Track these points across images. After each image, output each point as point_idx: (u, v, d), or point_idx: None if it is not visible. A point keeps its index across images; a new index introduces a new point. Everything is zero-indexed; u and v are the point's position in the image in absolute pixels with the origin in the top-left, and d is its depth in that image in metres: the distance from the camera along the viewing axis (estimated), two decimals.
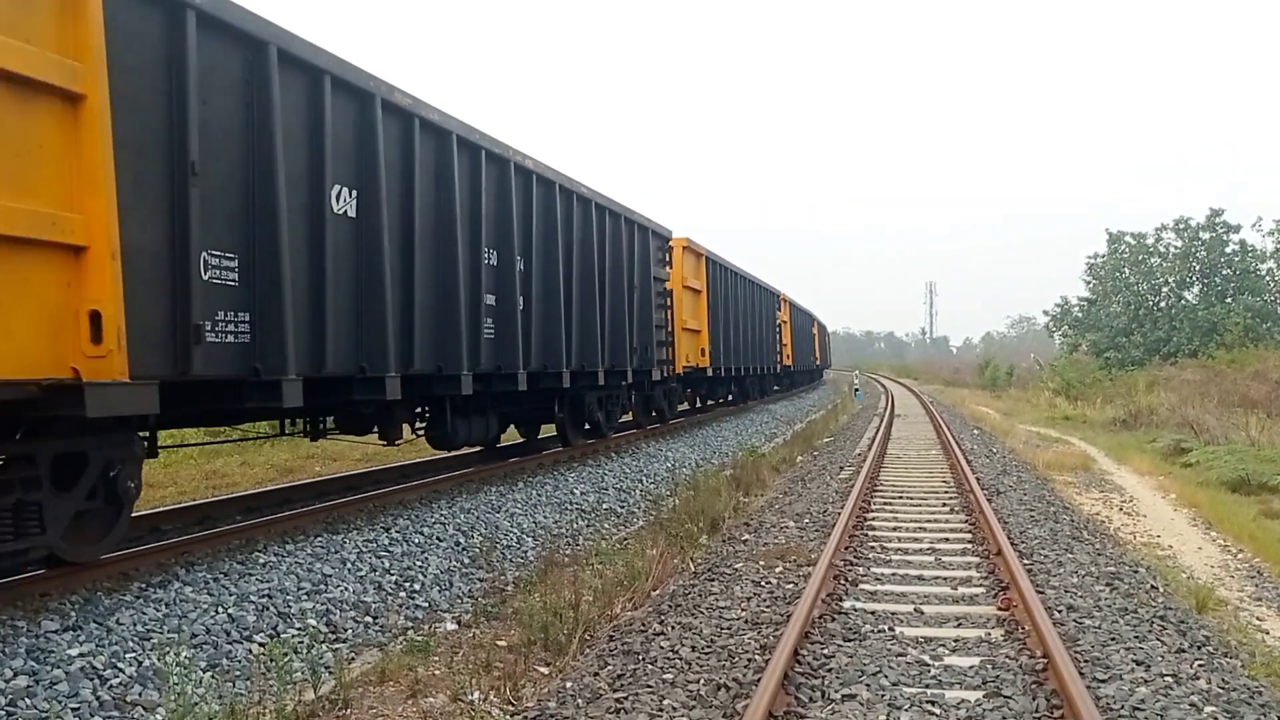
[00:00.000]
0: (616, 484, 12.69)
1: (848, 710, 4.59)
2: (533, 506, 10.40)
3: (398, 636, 6.46)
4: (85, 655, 5.08)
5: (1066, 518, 10.00)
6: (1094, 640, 5.69)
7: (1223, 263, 38.75)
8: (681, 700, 4.72)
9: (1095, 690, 4.77)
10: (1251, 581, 8.03)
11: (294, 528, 8.08)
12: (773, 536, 8.98)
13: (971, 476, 12.03)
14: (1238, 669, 5.32)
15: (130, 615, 5.62)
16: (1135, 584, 7.12)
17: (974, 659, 5.32)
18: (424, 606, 7.12)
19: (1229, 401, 22.90)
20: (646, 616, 6.34)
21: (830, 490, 11.76)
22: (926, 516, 9.94)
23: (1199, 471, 14.75)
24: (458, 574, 7.92)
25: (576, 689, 4.94)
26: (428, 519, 8.94)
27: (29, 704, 4.61)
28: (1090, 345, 41.78)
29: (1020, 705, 4.64)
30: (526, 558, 8.81)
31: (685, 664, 5.28)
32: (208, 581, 6.34)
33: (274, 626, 6.07)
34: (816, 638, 5.66)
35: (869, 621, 6.06)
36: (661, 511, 10.59)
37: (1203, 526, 10.57)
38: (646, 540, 8.85)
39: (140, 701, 4.91)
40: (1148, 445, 18.58)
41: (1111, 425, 23.88)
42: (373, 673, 5.50)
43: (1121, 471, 15.46)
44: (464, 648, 5.92)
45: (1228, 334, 33.76)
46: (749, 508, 11.13)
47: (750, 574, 7.46)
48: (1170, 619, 6.16)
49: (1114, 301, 40.86)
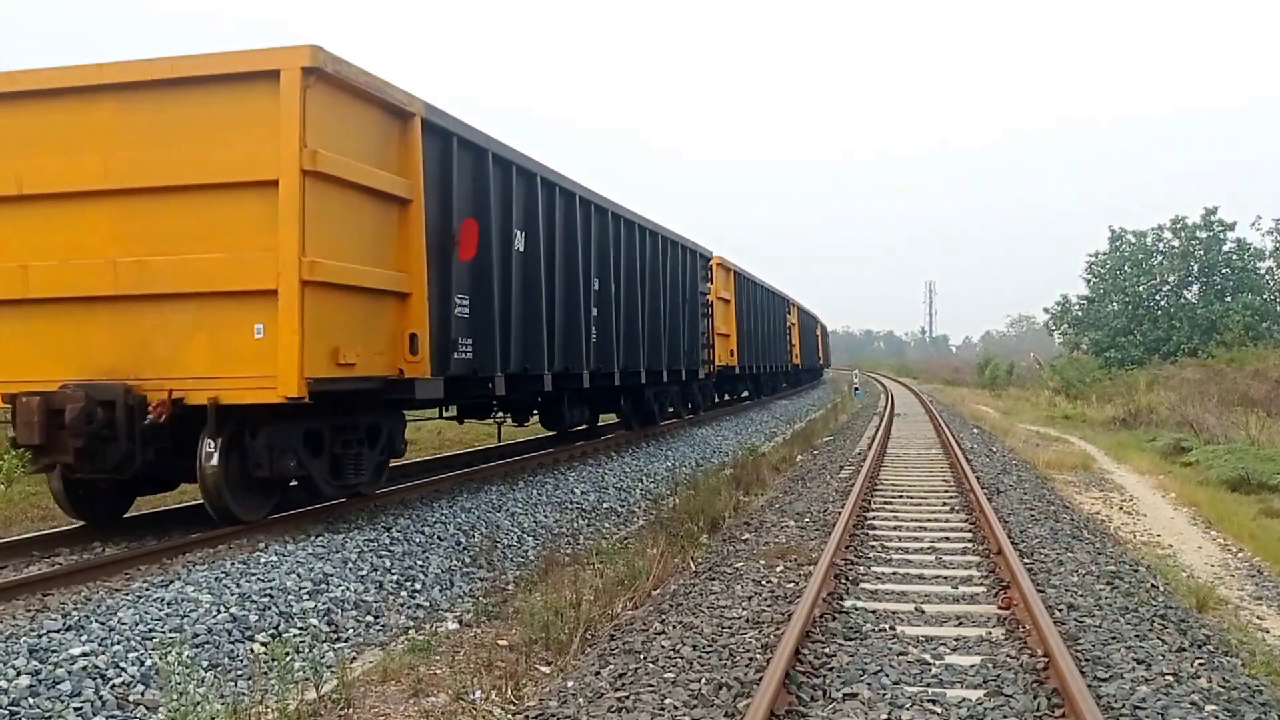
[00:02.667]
0: (617, 483, 12.70)
1: (849, 709, 4.60)
2: (533, 506, 10.41)
3: (399, 636, 6.47)
4: (88, 654, 5.09)
5: (1066, 517, 10.01)
6: (1095, 639, 5.69)
7: (1221, 261, 38.73)
8: (683, 699, 4.73)
9: (1096, 689, 4.77)
10: (1251, 580, 8.04)
11: (295, 527, 8.09)
12: (773, 536, 8.98)
13: (971, 475, 12.04)
14: (1238, 668, 5.33)
15: (132, 614, 5.63)
16: (1135, 583, 7.13)
17: (975, 658, 5.33)
18: (425, 606, 7.13)
19: (1229, 400, 22.90)
20: (648, 615, 6.35)
21: (830, 489, 11.76)
22: (927, 515, 9.95)
23: (1199, 470, 14.75)
24: (459, 573, 7.93)
25: (578, 688, 4.95)
26: (429, 518, 8.94)
27: (32, 703, 4.62)
28: (1090, 344, 41.75)
29: (1021, 704, 4.65)
30: (527, 557, 8.82)
31: (687, 663, 5.29)
32: (209, 581, 6.34)
33: (276, 626, 6.08)
34: (818, 637, 5.67)
35: (870, 620, 6.07)
36: (662, 511, 10.61)
37: (1202, 525, 10.58)
38: (647, 539, 8.85)
39: (143, 701, 4.92)
40: (1147, 444, 18.57)
41: (1111, 424, 23.88)
42: (374, 672, 5.51)
43: (1121, 470, 15.48)
44: (465, 647, 5.93)
45: (1227, 333, 33.74)
46: (749, 507, 11.14)
47: (751, 573, 7.46)
48: (1171, 618, 6.17)
49: (1114, 300, 40.84)
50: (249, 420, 7.34)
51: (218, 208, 7.12)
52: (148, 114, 7.23)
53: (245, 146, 7.04)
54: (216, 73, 7.12)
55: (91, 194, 7.28)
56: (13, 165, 7.35)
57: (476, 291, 9.27)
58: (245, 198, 7.08)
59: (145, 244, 7.23)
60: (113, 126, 7.25)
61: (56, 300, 7.38)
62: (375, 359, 7.77)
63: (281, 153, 6.89)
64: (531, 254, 10.55)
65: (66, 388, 7.05)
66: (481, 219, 9.30)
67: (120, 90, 7.24)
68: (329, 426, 8.07)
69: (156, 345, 7.22)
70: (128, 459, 7.11)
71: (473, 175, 9.27)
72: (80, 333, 7.36)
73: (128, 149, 7.21)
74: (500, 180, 9.83)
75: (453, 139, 8.77)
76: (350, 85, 7.41)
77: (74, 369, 7.27)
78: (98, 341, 7.31)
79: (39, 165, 7.34)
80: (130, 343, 7.25)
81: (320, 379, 7.03)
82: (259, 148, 6.99)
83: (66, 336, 7.38)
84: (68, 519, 8.30)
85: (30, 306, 7.42)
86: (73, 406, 6.88)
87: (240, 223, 7.07)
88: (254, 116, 7.03)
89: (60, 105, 7.35)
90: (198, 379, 7.11)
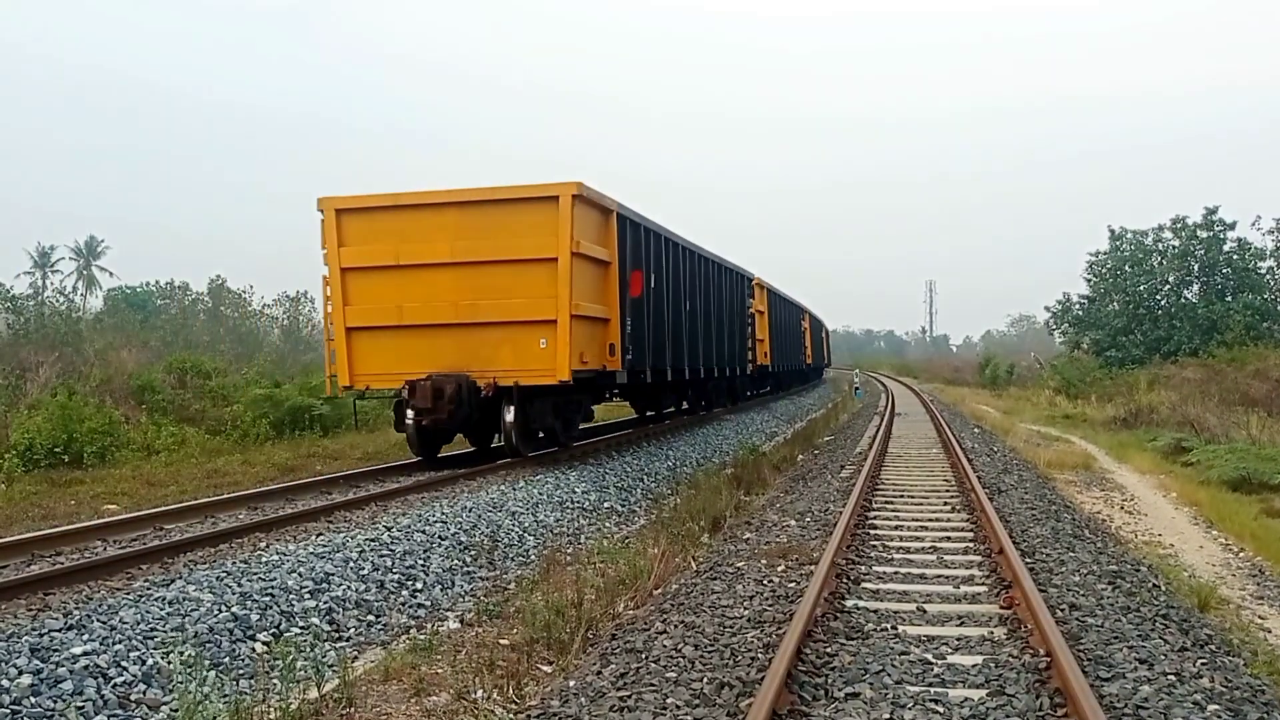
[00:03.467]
0: (618, 482, 12.70)
1: (852, 709, 4.59)
2: (534, 505, 10.41)
3: (401, 635, 6.47)
4: (89, 654, 5.09)
5: (1068, 516, 10.00)
6: (1097, 639, 5.68)
7: (1221, 261, 38.68)
8: (685, 699, 4.72)
9: (1099, 689, 4.77)
10: (1253, 580, 8.03)
11: (297, 526, 8.09)
12: (775, 535, 8.97)
13: (973, 475, 12.02)
14: (1240, 668, 5.32)
15: (134, 613, 5.62)
16: (1137, 582, 7.12)
17: (977, 657, 5.32)
18: (426, 605, 7.12)
19: (1229, 400, 22.87)
20: (649, 615, 6.34)
21: (831, 489, 11.75)
22: (928, 515, 9.94)
23: (1200, 470, 14.73)
24: (460, 573, 7.93)
25: (580, 687, 4.94)
26: (430, 517, 8.94)
27: (34, 702, 4.62)
28: (1091, 343, 41.69)
29: (1024, 704, 4.64)
30: (528, 556, 8.82)
31: (689, 662, 5.28)
32: (211, 580, 6.34)
33: (277, 625, 6.07)
34: (819, 636, 5.66)
35: (872, 620, 6.06)
36: (663, 510, 10.60)
37: (1204, 525, 10.57)
38: (648, 539, 8.85)
39: (145, 700, 4.91)
40: (1148, 444, 18.56)
41: (1112, 424, 23.88)
42: (376, 671, 5.51)
43: (1122, 470, 15.47)
44: (467, 646, 5.92)
45: (1228, 332, 33.70)
46: (750, 506, 11.13)
47: (752, 572, 7.45)
48: (1173, 617, 6.16)
49: (1114, 300, 40.78)
50: (528, 396, 12.08)
51: (520, 273, 11.88)
52: (476, 218, 12.05)
53: (537, 239, 11.81)
54: (519, 197, 11.98)
55: (441, 265, 12.07)
56: (394, 247, 12.13)
57: (636, 316, 13.72)
58: (537, 268, 11.80)
59: (474, 294, 12.00)
60: (454, 225, 12.05)
61: (419, 326, 12.11)
62: (594, 359, 12.61)
63: (560, 243, 11.69)
64: (659, 289, 15.19)
65: (431, 378, 11.62)
66: (641, 268, 13.98)
67: (460, 205, 12.13)
68: (564, 401, 13.03)
69: (481, 352, 11.91)
70: (468, 417, 11.86)
71: (633, 241, 13.79)
72: (434, 345, 12.01)
73: (464, 239, 11.99)
74: (644, 241, 14.41)
75: (627, 221, 13.52)
76: (590, 200, 12.20)
77: (430, 367, 11.86)
78: (445, 350, 11.96)
79: (409, 248, 12.11)
80: (465, 350, 11.92)
81: (575, 370, 11.77)
82: (546, 240, 11.75)
83: (426, 347, 12.02)
84: (68, 519, 8.79)
85: (404, 329, 12.20)
86: (449, 386, 11.56)
87: (533, 283, 11.81)
88: (542, 223, 11.78)
89: (423, 213, 12.18)
90: (505, 371, 11.82)
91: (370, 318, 12.22)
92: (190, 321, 37.76)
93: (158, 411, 18.61)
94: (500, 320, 11.84)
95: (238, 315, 41.44)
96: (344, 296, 12.23)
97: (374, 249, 12.15)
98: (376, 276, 12.19)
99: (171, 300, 43.78)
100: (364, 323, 12.24)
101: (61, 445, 14.40)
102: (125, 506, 10.79)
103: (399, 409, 12.33)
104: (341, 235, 12.16)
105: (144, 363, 23.27)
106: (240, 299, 42.75)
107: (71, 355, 21.57)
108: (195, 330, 36.00)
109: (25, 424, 14.85)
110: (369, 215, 12.22)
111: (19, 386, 18.44)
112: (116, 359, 22.61)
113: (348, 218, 12.22)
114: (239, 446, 17.08)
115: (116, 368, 21.36)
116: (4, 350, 21.48)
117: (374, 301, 12.18)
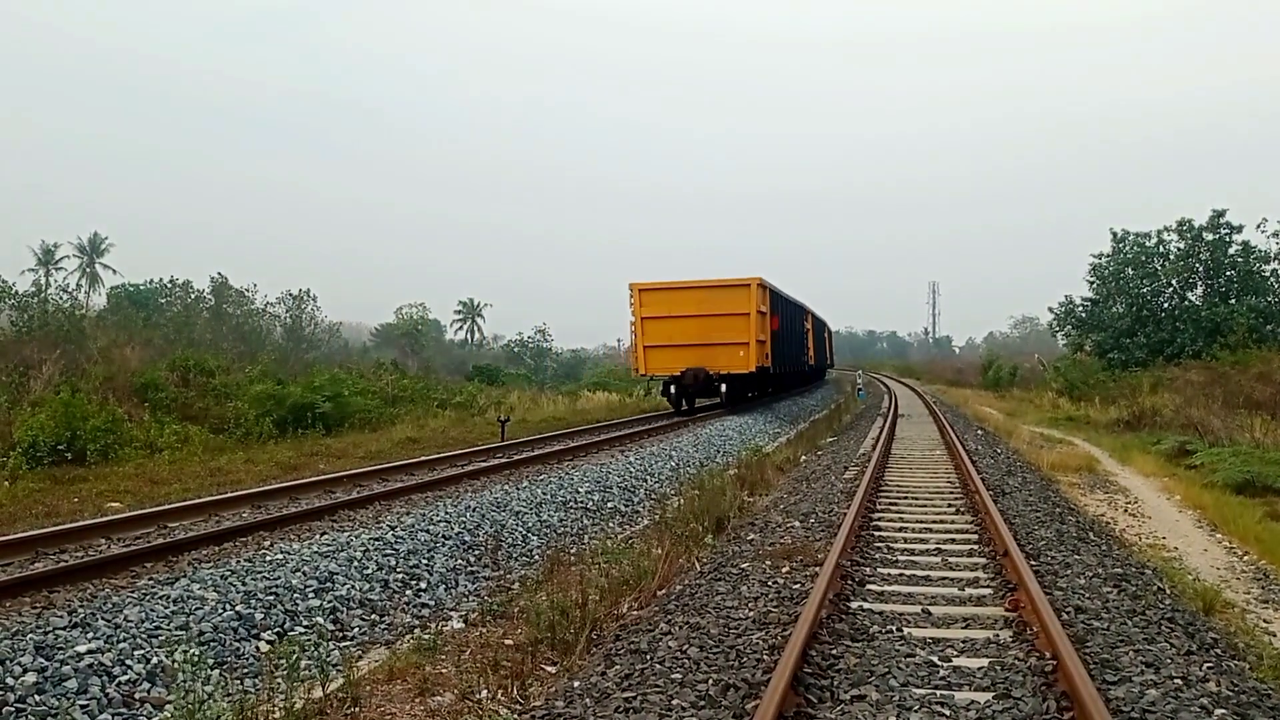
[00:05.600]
0: (620, 482, 12.68)
1: (857, 711, 4.58)
2: (538, 505, 10.40)
3: (405, 635, 6.46)
4: (94, 652, 5.08)
5: (1072, 519, 9.98)
6: (1103, 642, 5.67)
7: (1226, 263, 38.60)
8: (691, 700, 4.71)
9: (1106, 692, 4.75)
10: (1258, 584, 8.01)
11: (301, 525, 8.09)
12: (779, 536, 8.96)
13: (976, 477, 11.99)
14: (1246, 671, 5.31)
15: (138, 612, 5.62)
16: (1142, 585, 7.10)
17: (983, 660, 5.30)
18: (430, 605, 7.12)
19: (1233, 403, 22.80)
20: (654, 616, 6.32)
21: (835, 490, 11.73)
22: (932, 517, 9.92)
23: (1203, 473, 14.69)
24: (464, 572, 7.92)
25: (584, 688, 4.93)
26: (434, 517, 8.93)
27: (38, 700, 4.61)
28: (1094, 346, 41.61)
29: (1030, 706, 4.62)
30: (532, 556, 8.81)
31: (694, 664, 5.27)
32: (215, 579, 6.34)
33: (282, 624, 6.07)
34: (825, 638, 5.65)
35: (877, 622, 6.04)
36: (666, 511, 10.58)
37: (1208, 528, 10.55)
38: (652, 539, 8.84)
39: (149, 699, 4.91)
40: (1152, 447, 18.52)
41: (1115, 426, 23.85)
42: (381, 670, 5.50)
43: (1126, 473, 15.44)
44: (471, 646, 5.91)
45: (1232, 335, 33.63)
46: (754, 507, 11.11)
47: (757, 574, 7.44)
48: (1178, 621, 6.14)
49: (1117, 302, 40.70)
50: (732, 380, 23.92)
51: (731, 321, 23.62)
52: (707, 294, 23.97)
53: (738, 303, 23.64)
54: (728, 284, 23.87)
55: (689, 316, 23.85)
56: (669, 307, 23.98)
57: (773, 340, 25.53)
58: (740, 319, 23.58)
59: (707, 332, 23.66)
60: (697, 297, 23.99)
61: (679, 345, 23.79)
62: (761, 361, 23.93)
63: (750, 306, 23.53)
64: (784, 323, 27.58)
65: (688, 372, 23.52)
66: (777, 314, 26.16)
67: (699, 287, 24.14)
68: (748, 382, 25.60)
69: (710, 357, 23.50)
70: (707, 389, 23.98)
71: (772, 299, 25.53)
72: (685, 354, 23.73)
73: (701, 306, 23.88)
74: (775, 298, 26.17)
75: (766, 288, 24.82)
76: (762, 283, 24.18)
77: (683, 365, 23.63)
78: (691, 357, 23.61)
79: (674, 307, 24.02)
80: (703, 357, 23.51)
81: (758, 366, 23.76)
82: (741, 304, 23.62)
83: (682, 355, 23.76)
84: (72, 517, 8.85)
85: (671, 347, 23.89)
86: (701, 375, 23.49)
87: (737, 325, 23.56)
88: (741, 296, 23.66)
89: (683, 290, 24.26)
90: (723, 366, 23.53)
91: (656, 339, 23.93)
92: (193, 319, 37.77)
93: (161, 409, 18.63)
94: (720, 342, 23.41)
95: (240, 313, 41.44)
96: (643, 331, 23.98)
97: (658, 308, 23.96)
98: (659, 321, 23.92)
99: (174, 298, 43.81)
100: (653, 343, 23.96)
101: (65, 443, 14.41)
102: (129, 504, 10.78)
103: (666, 387, 24.47)
104: (641, 301, 23.97)
105: (147, 360, 23.27)
106: (243, 297, 42.76)
107: (75, 353, 21.59)
108: (198, 328, 36.02)
109: (29, 421, 14.86)
110: (655, 291, 24.15)
111: (22, 384, 18.45)
112: (120, 356, 22.63)
113: (645, 293, 24.07)
114: (242, 444, 17.08)
115: (120, 365, 21.37)
116: (8, 347, 21.49)
117: (658, 333, 23.90)
